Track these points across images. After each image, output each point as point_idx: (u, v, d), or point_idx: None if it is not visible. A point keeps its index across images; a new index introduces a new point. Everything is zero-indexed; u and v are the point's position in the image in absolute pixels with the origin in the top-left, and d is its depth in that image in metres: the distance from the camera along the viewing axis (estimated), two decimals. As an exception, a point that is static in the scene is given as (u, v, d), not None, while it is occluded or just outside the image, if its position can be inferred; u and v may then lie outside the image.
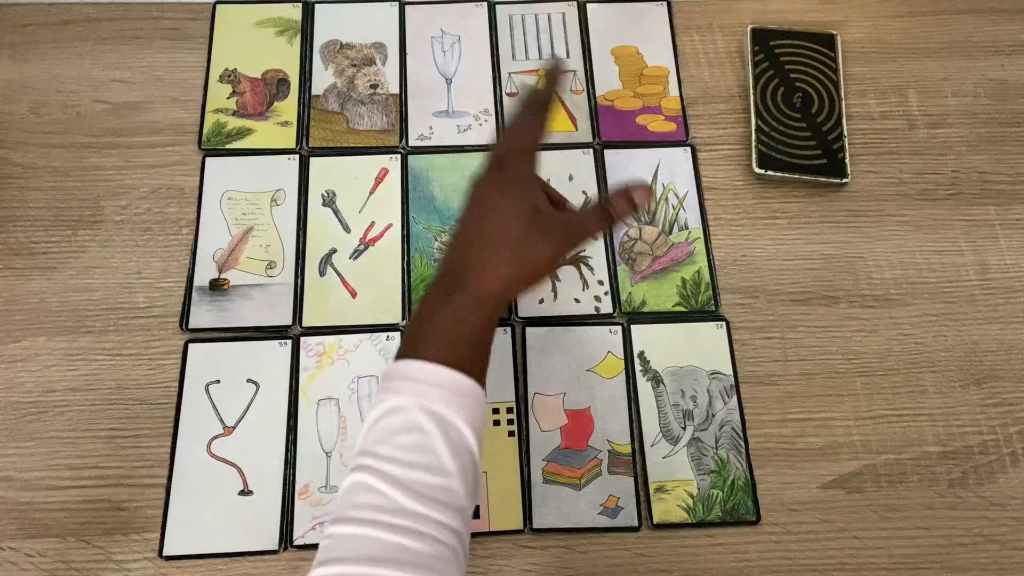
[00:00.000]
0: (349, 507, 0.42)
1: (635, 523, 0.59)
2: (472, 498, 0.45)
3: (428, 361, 0.45)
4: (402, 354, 0.46)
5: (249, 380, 0.63)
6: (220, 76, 0.73)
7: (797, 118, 0.72)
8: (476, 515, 0.59)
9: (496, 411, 0.62)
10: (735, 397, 0.63)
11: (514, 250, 0.48)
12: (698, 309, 0.66)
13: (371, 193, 0.69)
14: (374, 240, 0.67)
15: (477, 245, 0.49)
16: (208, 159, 0.70)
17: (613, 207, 0.51)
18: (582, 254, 0.68)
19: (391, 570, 0.39)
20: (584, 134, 0.72)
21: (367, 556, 0.40)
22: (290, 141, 0.71)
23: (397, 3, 0.77)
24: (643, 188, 0.51)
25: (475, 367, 0.46)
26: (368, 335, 0.64)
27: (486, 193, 0.50)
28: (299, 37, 0.75)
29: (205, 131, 0.71)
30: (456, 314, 0.47)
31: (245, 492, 0.59)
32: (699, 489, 0.61)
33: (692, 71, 0.75)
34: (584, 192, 0.70)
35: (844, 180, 0.70)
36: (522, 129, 0.52)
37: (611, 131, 0.72)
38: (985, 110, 0.74)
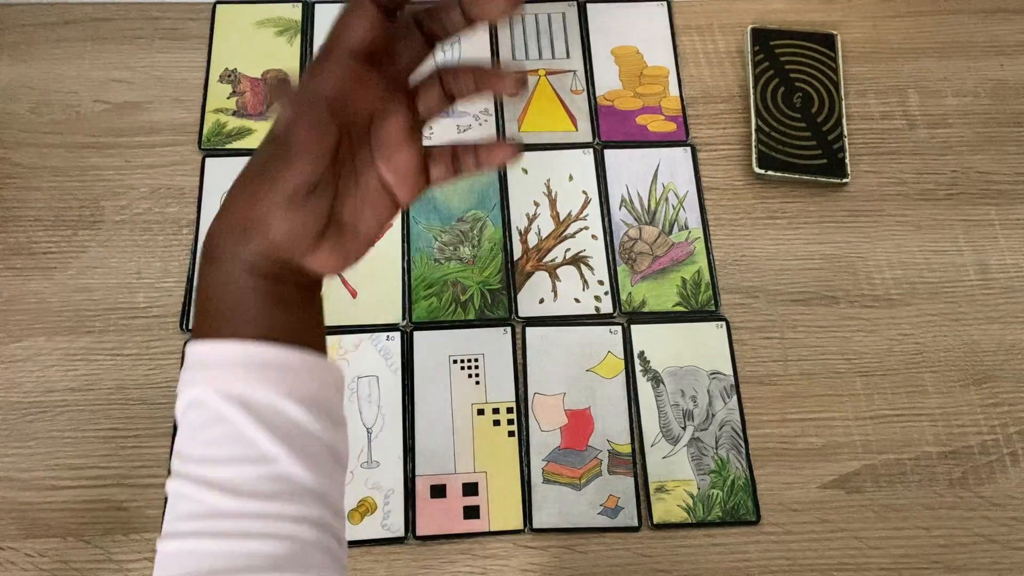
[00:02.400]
0: (171, 519, 0.36)
1: (635, 523, 0.59)
2: (330, 477, 0.38)
3: (215, 339, 0.37)
4: (193, 332, 0.38)
5: (249, 380, 0.62)
6: (220, 76, 0.73)
7: (797, 118, 0.72)
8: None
9: (496, 411, 0.62)
10: (735, 397, 0.63)
11: (232, 198, 0.38)
12: (698, 309, 0.66)
13: (371, 193, 0.69)
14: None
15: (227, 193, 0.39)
16: (208, 159, 0.70)
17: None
18: (582, 254, 0.68)
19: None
20: (584, 134, 0.72)
21: (202, 570, 0.35)
22: (290, 141, 0.71)
23: (397, 3, 0.77)
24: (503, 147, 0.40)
25: (280, 334, 0.37)
26: (368, 335, 0.64)
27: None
28: (299, 37, 0.75)
29: (205, 131, 0.71)
30: (222, 284, 0.38)
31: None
32: (699, 489, 0.61)
33: (692, 71, 0.75)
34: (584, 192, 0.70)
35: (844, 180, 0.70)
36: (344, 19, 0.37)
37: (611, 131, 0.72)
38: (985, 110, 0.74)
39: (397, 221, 0.68)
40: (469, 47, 0.75)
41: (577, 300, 0.66)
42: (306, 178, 0.36)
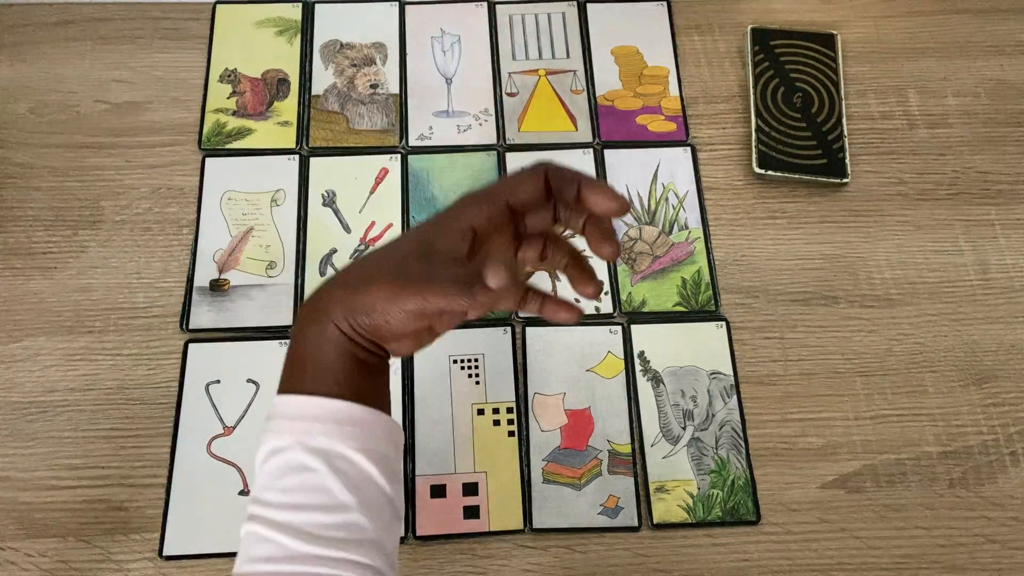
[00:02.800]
0: (245, 561, 0.39)
1: (635, 523, 0.59)
2: (388, 530, 0.41)
3: (301, 394, 0.41)
4: (279, 390, 0.43)
5: (249, 380, 0.62)
6: (220, 76, 0.73)
7: (797, 118, 0.72)
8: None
9: (496, 411, 0.62)
10: (735, 397, 0.63)
11: (360, 279, 0.42)
12: (698, 309, 0.66)
13: (371, 193, 0.69)
14: (374, 240, 0.67)
15: (347, 268, 0.44)
16: (208, 159, 0.70)
17: (478, 290, 0.40)
18: (584, 254, 0.67)
19: None
20: (584, 134, 0.72)
21: None
22: (290, 141, 0.71)
23: (397, 3, 0.77)
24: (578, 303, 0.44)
25: (358, 395, 0.42)
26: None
27: (415, 227, 0.45)
28: (299, 37, 0.75)
29: (205, 131, 0.71)
30: (317, 345, 0.42)
31: (245, 492, 0.59)
32: (699, 489, 0.61)
33: (692, 71, 0.75)
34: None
35: (844, 180, 0.70)
36: (519, 178, 0.43)
37: (611, 131, 0.72)
38: (985, 110, 0.74)
39: (397, 221, 0.68)
40: (469, 46, 0.75)
41: (577, 300, 0.66)
42: (445, 309, 0.41)
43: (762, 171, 0.70)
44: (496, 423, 0.62)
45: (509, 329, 0.65)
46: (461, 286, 0.39)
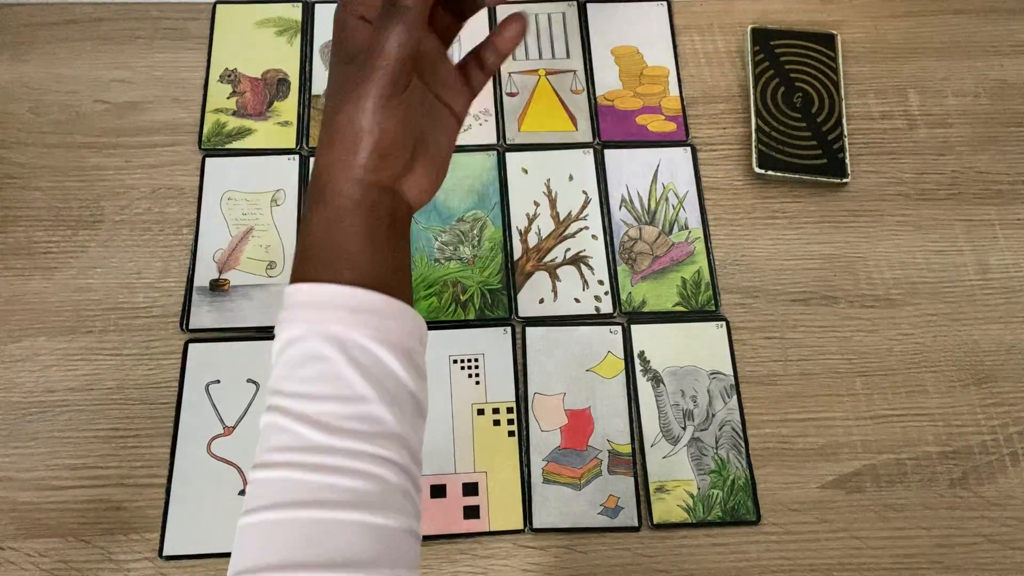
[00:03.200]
0: (265, 451, 0.38)
1: (635, 523, 0.59)
2: (411, 424, 0.39)
3: (316, 282, 0.39)
4: (293, 274, 0.41)
5: (249, 380, 0.63)
6: (220, 76, 0.73)
7: (797, 118, 0.72)
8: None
9: (496, 411, 0.62)
10: (735, 397, 0.63)
11: (329, 130, 0.40)
12: (698, 309, 0.66)
13: (371, 193, 0.69)
14: (374, 240, 0.67)
15: (317, 143, 0.42)
16: (208, 159, 0.70)
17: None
18: (582, 254, 0.68)
19: (323, 511, 0.36)
20: (584, 134, 0.72)
21: (290, 500, 0.36)
22: (290, 141, 0.71)
23: (397, 3, 0.77)
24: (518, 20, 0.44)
25: (375, 279, 0.39)
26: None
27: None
28: (299, 37, 0.75)
29: (205, 131, 0.71)
30: (324, 226, 0.40)
31: (245, 492, 0.59)
32: (699, 489, 0.61)
33: (692, 71, 0.75)
34: (584, 192, 0.70)
35: (844, 180, 0.70)
36: None
37: (611, 131, 0.72)
38: (985, 110, 0.74)
39: (397, 221, 0.68)
40: (469, 46, 0.75)
41: (577, 300, 0.66)
42: (396, 74, 0.39)
43: (762, 171, 0.70)
44: (496, 423, 0.62)
45: (509, 329, 0.65)
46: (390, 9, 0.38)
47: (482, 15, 0.77)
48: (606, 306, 0.66)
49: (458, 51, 0.49)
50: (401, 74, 0.39)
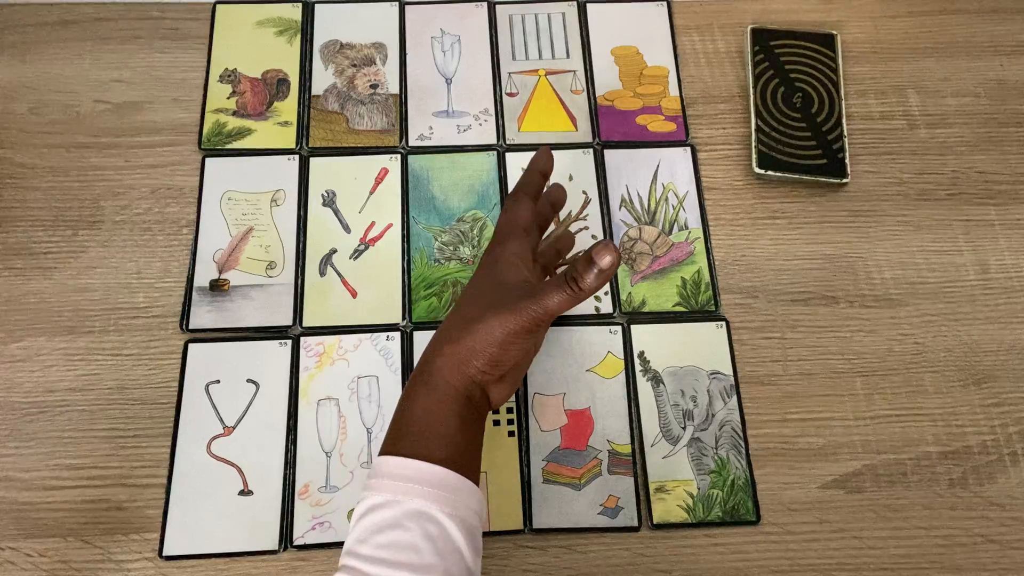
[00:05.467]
0: None
1: (635, 523, 0.59)
2: None
3: (405, 457, 0.45)
4: (385, 447, 0.47)
5: (249, 380, 0.63)
6: (220, 76, 0.73)
7: (797, 118, 0.72)
8: None
9: (496, 411, 0.62)
10: (735, 397, 0.63)
11: (462, 331, 0.47)
12: (698, 309, 0.66)
13: (371, 193, 0.69)
14: (374, 240, 0.68)
15: (442, 339, 0.49)
16: (208, 159, 0.70)
17: (580, 278, 0.45)
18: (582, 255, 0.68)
19: None
20: (584, 134, 0.72)
21: None
22: (290, 141, 0.71)
23: (397, 3, 0.77)
24: (607, 248, 0.45)
25: (456, 460, 0.46)
26: (368, 335, 0.64)
27: (471, 280, 0.52)
28: (299, 37, 0.75)
29: (205, 131, 0.71)
30: (426, 407, 0.47)
31: (245, 492, 0.59)
32: (699, 489, 0.61)
33: (692, 71, 0.75)
34: (584, 192, 0.70)
35: (844, 180, 0.70)
36: (513, 208, 0.53)
37: (611, 131, 0.72)
38: (985, 110, 0.74)
39: (397, 221, 0.68)
40: (469, 46, 0.75)
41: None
42: (542, 323, 0.47)
43: (762, 171, 0.70)
44: (496, 423, 0.62)
45: (509, 329, 0.65)
46: (562, 282, 0.46)
47: (482, 16, 0.77)
48: (606, 306, 0.66)
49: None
50: (544, 326, 0.48)
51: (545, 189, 0.57)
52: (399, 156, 0.71)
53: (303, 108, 0.72)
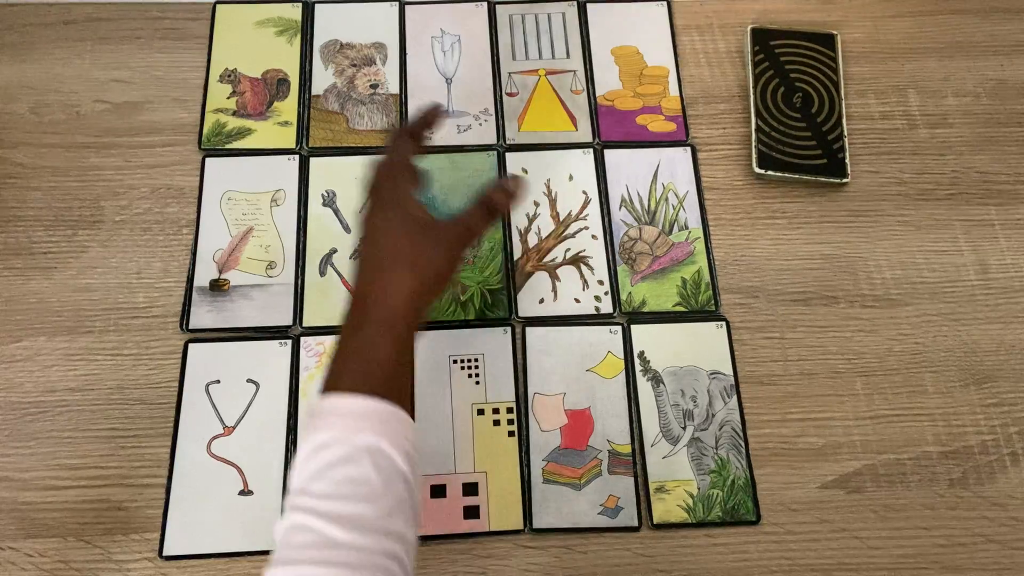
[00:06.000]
0: (287, 548, 0.42)
1: (635, 523, 0.59)
2: (411, 521, 0.45)
3: (348, 394, 0.46)
4: (326, 386, 0.47)
5: (249, 380, 0.63)
6: (220, 76, 0.73)
7: (797, 118, 0.72)
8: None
9: (496, 411, 0.62)
10: (735, 397, 0.63)
11: (410, 265, 0.49)
12: (698, 309, 0.66)
13: (371, 193, 0.69)
14: (374, 240, 0.67)
15: (375, 271, 0.50)
16: (208, 159, 0.70)
17: (493, 201, 0.53)
18: (582, 254, 0.68)
19: None
20: (584, 134, 0.72)
21: None
22: (290, 141, 0.71)
23: (397, 3, 0.77)
24: (515, 178, 0.53)
25: (395, 391, 0.47)
26: (368, 335, 0.64)
27: (371, 221, 0.52)
28: (299, 37, 0.75)
29: (205, 131, 0.71)
30: (369, 343, 0.47)
31: (245, 492, 0.59)
32: (699, 489, 0.61)
33: (692, 71, 0.75)
34: (584, 192, 0.70)
35: (844, 180, 0.70)
36: (392, 152, 0.54)
37: (611, 131, 0.72)
38: (985, 110, 0.74)
39: (397, 221, 0.68)
40: (469, 47, 0.75)
41: (577, 300, 0.66)
42: (490, 224, 0.54)
43: (762, 171, 0.70)
44: (496, 423, 0.62)
45: (509, 329, 0.65)
46: (482, 216, 0.52)
47: (482, 16, 0.77)
48: (606, 306, 0.66)
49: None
50: (470, 246, 0.53)
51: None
52: (399, 156, 0.70)
53: (303, 108, 0.72)
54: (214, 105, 0.72)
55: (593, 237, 0.68)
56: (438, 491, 0.60)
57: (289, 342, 0.64)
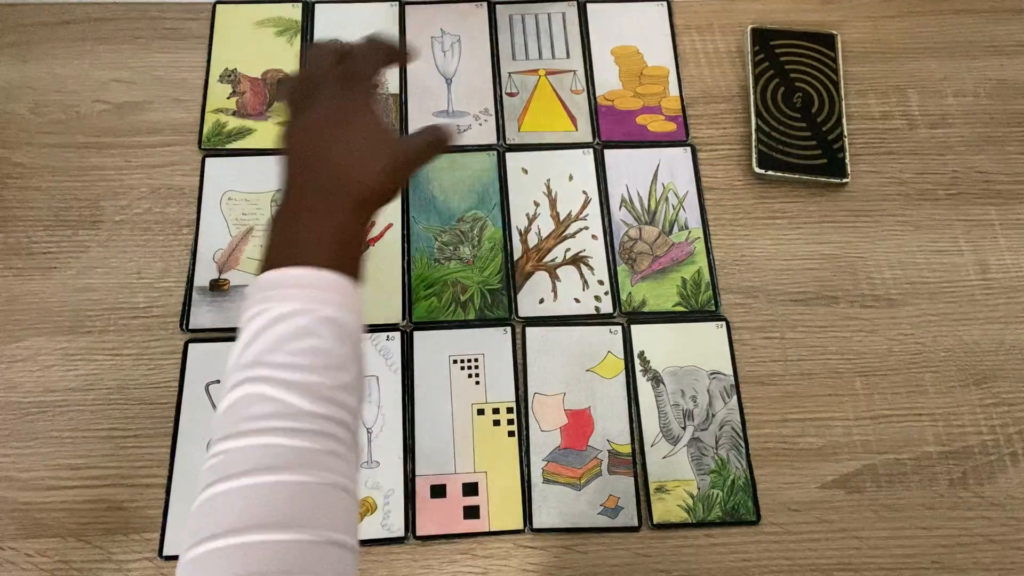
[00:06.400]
0: (245, 420, 0.41)
1: (635, 523, 0.59)
2: (362, 394, 0.46)
3: (311, 267, 0.44)
4: (276, 262, 0.45)
5: (249, 380, 0.62)
6: (220, 76, 0.73)
7: (797, 118, 0.72)
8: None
9: (496, 411, 0.62)
10: (735, 397, 0.63)
11: (389, 154, 0.48)
12: (698, 309, 0.66)
13: (371, 193, 0.69)
14: (374, 240, 0.68)
15: (349, 150, 0.48)
16: (208, 159, 0.70)
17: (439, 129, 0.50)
18: (582, 254, 0.68)
19: (299, 474, 0.39)
20: (584, 134, 0.72)
21: (271, 465, 0.39)
22: (290, 141, 0.71)
23: (397, 3, 0.77)
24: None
25: (354, 268, 0.47)
26: (368, 335, 0.64)
27: (343, 103, 0.49)
28: (299, 37, 0.75)
29: (205, 131, 0.71)
30: (338, 219, 0.46)
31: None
32: (699, 489, 0.61)
33: (692, 71, 0.75)
34: (584, 192, 0.70)
35: (844, 180, 0.70)
36: (368, 56, 0.51)
37: (611, 131, 0.72)
38: (985, 110, 0.74)
39: (396, 221, 0.68)
40: (469, 47, 0.75)
41: (577, 300, 0.66)
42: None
43: (762, 171, 0.70)
44: (496, 423, 0.62)
45: (509, 329, 0.65)
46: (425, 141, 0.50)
47: (482, 16, 0.77)
48: (606, 306, 0.66)
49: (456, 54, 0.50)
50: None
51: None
52: (399, 156, 0.70)
53: (303, 108, 0.72)
54: (214, 105, 0.72)
55: (593, 237, 0.68)
56: (438, 491, 0.60)
57: (289, 342, 0.64)
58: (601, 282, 0.67)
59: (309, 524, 0.38)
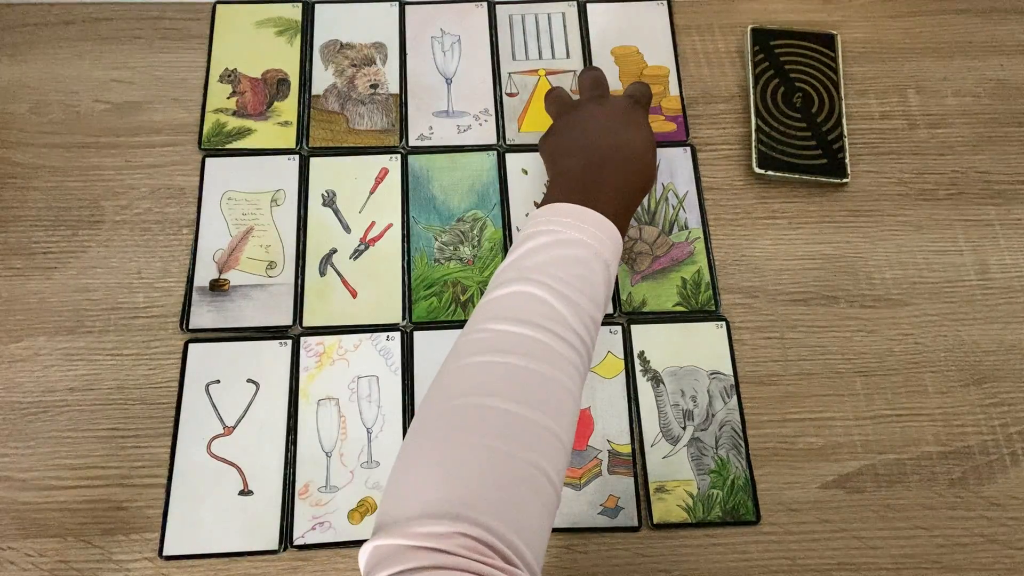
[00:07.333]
0: (514, 310, 0.47)
1: (635, 523, 0.59)
2: (599, 330, 0.52)
3: (605, 216, 0.52)
4: (573, 200, 0.52)
5: (249, 380, 0.63)
6: (220, 76, 0.73)
7: (797, 118, 0.72)
8: None
9: (496, 411, 0.62)
10: (735, 397, 0.63)
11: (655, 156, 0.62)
12: (698, 309, 0.66)
13: (371, 193, 0.69)
14: (374, 240, 0.68)
15: (647, 148, 0.61)
16: (208, 159, 0.70)
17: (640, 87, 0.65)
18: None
19: (551, 370, 0.46)
20: (584, 134, 0.72)
21: (529, 352, 0.45)
22: (290, 141, 0.71)
23: (397, 3, 0.77)
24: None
25: (624, 233, 0.55)
26: (368, 335, 0.64)
27: (631, 118, 0.61)
28: (299, 37, 0.75)
29: (205, 131, 0.71)
30: (631, 192, 0.57)
31: (245, 492, 0.59)
32: (699, 489, 0.61)
33: (692, 71, 0.75)
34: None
35: (844, 180, 0.70)
36: (643, 89, 0.66)
37: (611, 131, 0.72)
38: (985, 110, 0.74)
39: (397, 221, 0.68)
40: (469, 47, 0.75)
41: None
42: None
43: (762, 171, 0.70)
44: (496, 423, 0.62)
45: (509, 329, 0.65)
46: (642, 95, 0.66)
47: (482, 16, 0.77)
48: (606, 306, 0.66)
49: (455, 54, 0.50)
50: None
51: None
52: (399, 156, 0.71)
53: (303, 108, 0.72)
54: (214, 105, 0.72)
55: (593, 237, 0.68)
56: (438, 491, 0.60)
57: (289, 342, 0.64)
58: (601, 282, 0.67)
59: (548, 412, 0.45)
